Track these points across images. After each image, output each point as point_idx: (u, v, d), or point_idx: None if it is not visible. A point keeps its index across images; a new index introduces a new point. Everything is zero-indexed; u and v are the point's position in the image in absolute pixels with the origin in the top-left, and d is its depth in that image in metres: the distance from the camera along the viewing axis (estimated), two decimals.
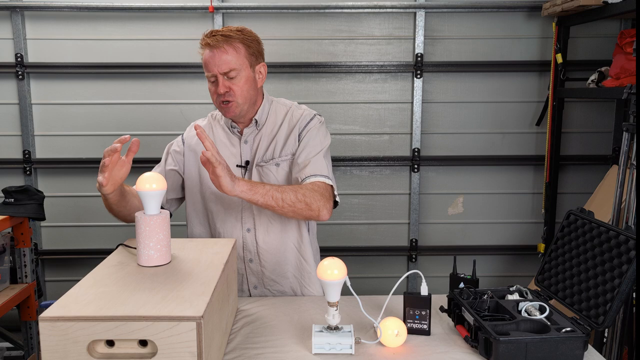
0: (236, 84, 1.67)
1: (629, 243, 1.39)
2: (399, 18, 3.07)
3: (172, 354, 1.05)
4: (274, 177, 1.75)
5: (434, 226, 3.25)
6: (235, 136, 1.80)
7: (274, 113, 1.81)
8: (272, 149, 1.76)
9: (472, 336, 1.37)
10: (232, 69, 1.65)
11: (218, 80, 1.67)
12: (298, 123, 1.77)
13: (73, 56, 3.04)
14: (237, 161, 1.77)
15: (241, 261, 1.79)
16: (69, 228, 3.19)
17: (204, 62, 1.70)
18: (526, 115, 3.16)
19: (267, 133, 1.78)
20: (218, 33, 1.67)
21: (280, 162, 1.75)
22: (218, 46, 1.66)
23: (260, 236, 1.77)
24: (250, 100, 1.72)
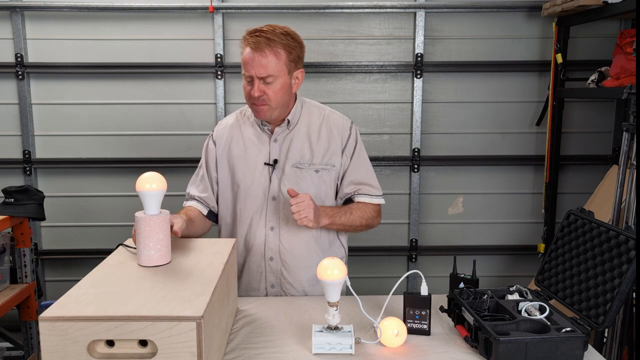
0: (271, 89, 1.67)
1: (629, 243, 1.39)
2: (399, 18, 3.07)
3: (172, 354, 1.05)
4: (310, 182, 1.77)
5: (434, 226, 3.25)
6: (265, 134, 1.81)
7: (307, 114, 1.82)
8: (308, 152, 1.78)
9: (472, 336, 1.37)
10: (269, 74, 1.65)
11: (254, 81, 1.67)
12: (339, 132, 1.80)
13: (73, 56, 3.04)
14: (265, 159, 1.78)
15: (262, 259, 1.79)
16: (69, 228, 3.19)
17: (243, 59, 1.68)
18: (526, 115, 3.16)
19: (301, 134, 1.79)
20: (262, 34, 1.64)
21: (320, 169, 1.78)
22: (259, 49, 1.63)
23: (283, 235, 1.78)
24: (283, 105, 1.74)
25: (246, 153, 1.80)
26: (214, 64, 3.04)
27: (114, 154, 3.12)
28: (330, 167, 1.79)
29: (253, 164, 1.79)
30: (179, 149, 3.13)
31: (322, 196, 1.80)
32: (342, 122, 1.83)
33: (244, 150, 1.80)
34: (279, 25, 1.70)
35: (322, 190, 1.80)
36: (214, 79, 3.06)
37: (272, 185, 1.77)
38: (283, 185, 1.76)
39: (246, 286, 1.84)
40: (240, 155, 1.80)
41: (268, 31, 1.65)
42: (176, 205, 3.21)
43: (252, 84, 1.68)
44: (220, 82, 3.05)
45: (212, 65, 3.04)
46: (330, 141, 1.79)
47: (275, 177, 1.77)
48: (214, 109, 3.09)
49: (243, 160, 1.80)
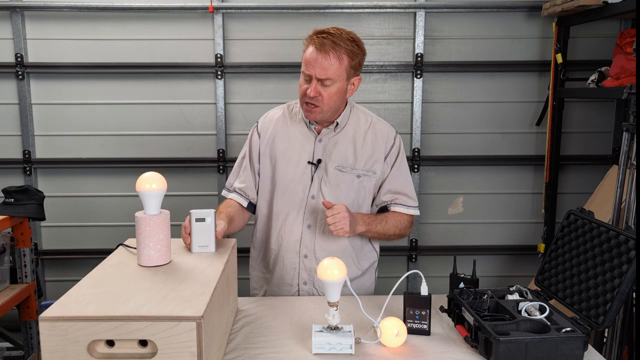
0: (327, 92, 1.68)
1: (629, 243, 1.39)
2: (399, 18, 3.07)
3: (172, 354, 1.05)
4: (351, 186, 1.79)
5: (434, 226, 3.25)
6: (311, 133, 1.81)
7: (355, 119, 1.84)
8: (352, 155, 1.79)
9: (472, 336, 1.37)
10: (329, 77, 1.66)
11: (312, 81, 1.67)
12: (384, 140, 1.82)
13: (73, 56, 3.04)
14: (309, 157, 1.79)
15: (296, 255, 1.80)
16: (69, 228, 3.19)
17: (305, 58, 1.69)
18: (526, 115, 3.16)
19: (347, 137, 1.80)
20: (329, 37, 1.65)
21: (361, 174, 1.80)
22: (324, 50, 1.64)
23: (320, 234, 1.79)
24: (334, 109, 1.75)
25: (290, 149, 1.80)
26: (214, 64, 3.04)
27: (114, 154, 3.12)
28: (372, 174, 1.81)
29: (296, 160, 1.79)
30: (179, 149, 3.13)
31: (360, 201, 1.82)
32: (387, 131, 1.85)
33: (288, 146, 1.81)
34: (345, 30, 1.71)
35: (361, 195, 1.82)
36: (214, 79, 3.06)
37: (313, 184, 1.78)
38: (324, 186, 1.78)
39: (279, 281, 1.84)
40: (283, 150, 1.81)
41: (335, 34, 1.66)
42: (176, 205, 3.21)
43: (309, 83, 1.68)
44: (220, 82, 3.05)
45: (212, 65, 3.04)
46: (374, 148, 1.81)
47: (317, 177, 1.78)
48: (214, 109, 3.09)
49: (286, 156, 1.80)
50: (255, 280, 1.94)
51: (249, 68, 3.06)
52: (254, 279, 1.95)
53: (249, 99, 3.10)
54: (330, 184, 1.78)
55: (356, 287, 1.84)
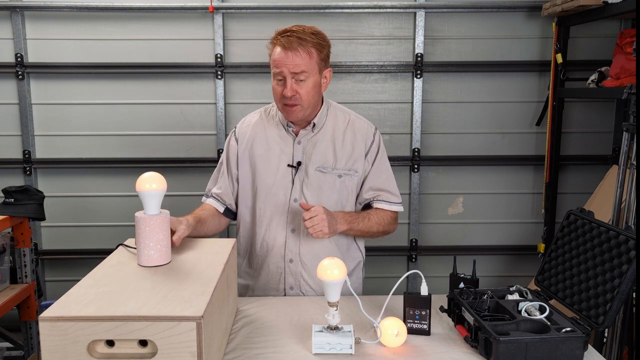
0: (303, 88, 1.68)
1: (629, 243, 1.39)
2: (399, 18, 3.07)
3: (172, 354, 1.05)
4: (333, 186, 1.78)
5: (434, 226, 3.25)
6: (289, 135, 1.80)
7: (333, 118, 1.82)
8: (332, 156, 1.78)
9: (472, 336, 1.37)
10: (303, 71, 1.66)
11: (286, 81, 1.67)
12: (363, 138, 1.81)
13: (73, 56, 3.04)
14: (289, 160, 1.78)
15: (281, 260, 1.79)
16: (69, 228, 3.19)
17: (273, 60, 1.68)
18: (526, 115, 3.16)
19: (326, 138, 1.79)
20: (293, 34, 1.65)
21: (343, 174, 1.79)
22: (292, 47, 1.64)
23: (304, 238, 1.78)
24: (313, 105, 1.74)
25: (269, 153, 1.80)
26: (214, 64, 3.04)
27: (114, 154, 3.12)
28: (353, 173, 1.80)
29: (275, 164, 1.78)
30: (179, 149, 3.13)
31: (343, 201, 1.81)
32: (366, 128, 1.83)
33: (267, 150, 1.80)
34: (307, 26, 1.71)
35: (344, 195, 1.81)
36: (214, 79, 3.06)
37: (294, 187, 1.77)
38: (306, 188, 1.77)
39: (264, 286, 1.83)
40: (262, 154, 1.80)
41: (298, 31, 1.66)
42: (176, 205, 3.20)
43: (284, 84, 1.68)
44: (220, 82, 3.05)
45: (212, 65, 3.04)
46: (354, 146, 1.80)
47: (298, 180, 1.77)
48: (214, 109, 3.09)
49: (265, 160, 1.79)
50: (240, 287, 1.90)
51: (249, 68, 3.06)
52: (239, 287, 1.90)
53: (249, 99, 3.10)
54: (312, 185, 1.77)
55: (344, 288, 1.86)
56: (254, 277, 1.86)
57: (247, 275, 1.89)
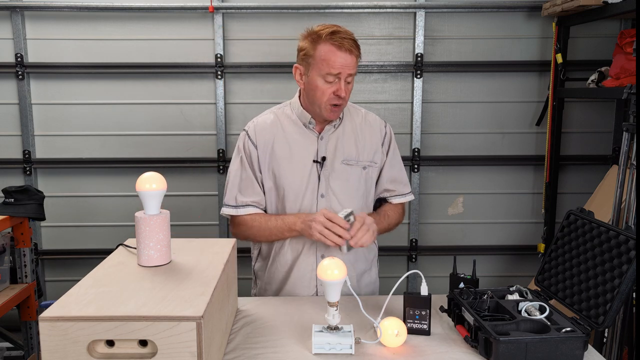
0: (349, 89, 1.73)
1: (629, 243, 1.39)
2: (399, 18, 3.07)
3: (172, 354, 1.05)
4: (359, 178, 1.81)
5: (434, 226, 3.25)
6: (311, 133, 1.81)
7: (349, 114, 1.87)
8: (354, 149, 1.82)
9: (472, 336, 1.37)
10: (355, 72, 1.71)
11: (340, 81, 1.68)
12: (378, 129, 1.87)
13: (73, 56, 3.04)
14: (313, 157, 1.79)
15: (314, 257, 1.79)
16: (69, 228, 3.19)
17: (325, 59, 1.67)
18: (526, 115, 3.16)
19: (347, 132, 1.83)
20: (347, 36, 1.68)
21: (367, 165, 1.83)
22: (349, 49, 1.66)
23: None
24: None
25: (291, 152, 1.79)
26: (214, 64, 3.04)
27: (114, 154, 3.12)
28: (374, 164, 1.85)
29: (299, 163, 1.78)
30: (179, 149, 3.13)
31: (367, 193, 1.86)
32: (379, 121, 1.91)
33: (289, 150, 1.79)
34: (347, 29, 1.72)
35: (368, 186, 1.85)
36: (214, 79, 3.06)
37: (321, 182, 1.78)
38: (333, 182, 1.79)
39: (294, 284, 1.81)
40: (284, 155, 1.79)
41: (347, 32, 1.69)
42: (176, 205, 3.20)
43: (333, 85, 1.69)
44: (220, 82, 3.05)
45: (212, 65, 3.04)
46: (372, 138, 1.85)
47: (323, 175, 1.78)
48: (214, 109, 3.09)
49: (288, 160, 1.79)
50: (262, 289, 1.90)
51: (249, 68, 3.06)
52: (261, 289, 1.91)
53: (249, 99, 3.10)
54: (339, 178, 1.79)
55: (368, 281, 1.90)
56: (283, 280, 1.84)
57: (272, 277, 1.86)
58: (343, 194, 1.78)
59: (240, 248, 1.82)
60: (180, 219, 3.12)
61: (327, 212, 1.63)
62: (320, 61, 1.68)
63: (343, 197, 1.78)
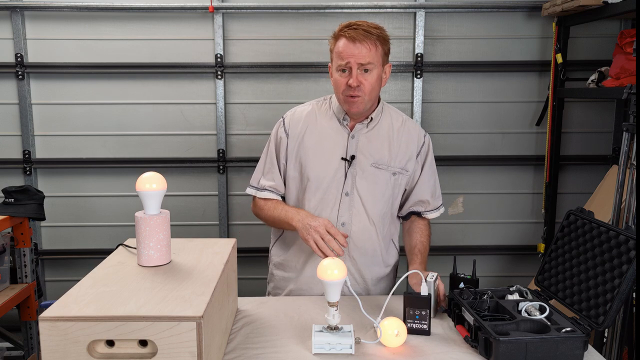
0: (368, 80, 1.68)
1: (629, 243, 1.39)
2: (399, 18, 3.07)
3: (172, 354, 1.05)
4: (386, 183, 1.80)
5: (434, 226, 3.20)
6: (343, 128, 1.80)
7: (389, 117, 1.84)
8: (387, 153, 1.79)
9: (472, 336, 1.37)
10: (369, 62, 1.67)
11: (352, 71, 1.67)
12: (416, 138, 1.84)
13: (73, 56, 3.04)
14: (342, 154, 1.78)
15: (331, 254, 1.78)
16: (69, 228, 3.19)
17: (337, 51, 1.69)
18: (526, 115, 3.16)
19: (381, 134, 1.80)
20: (359, 27, 1.67)
21: (397, 172, 1.81)
22: (359, 39, 1.65)
23: (354, 232, 1.78)
24: (374, 99, 1.76)
25: (321, 145, 1.79)
26: (214, 64, 3.04)
27: (114, 154, 3.12)
28: (405, 172, 1.82)
29: (328, 157, 1.78)
30: (179, 149, 3.13)
31: (394, 198, 1.84)
32: (418, 129, 1.88)
33: (319, 142, 1.79)
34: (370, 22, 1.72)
35: (395, 192, 1.83)
36: (214, 79, 3.06)
37: (347, 181, 1.77)
38: (359, 183, 1.77)
39: (308, 279, 1.81)
40: (313, 146, 1.79)
41: (363, 24, 1.68)
42: (176, 205, 3.20)
43: (347, 76, 1.68)
44: (220, 82, 3.05)
45: (212, 65, 3.04)
46: (408, 146, 1.82)
47: (350, 174, 1.77)
48: (214, 109, 3.09)
49: (317, 152, 1.78)
50: (278, 280, 1.91)
51: (249, 68, 3.06)
52: (277, 279, 1.91)
53: (249, 99, 3.10)
54: (367, 180, 1.77)
55: (385, 285, 1.89)
56: (299, 271, 1.84)
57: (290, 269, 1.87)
58: (368, 196, 1.77)
59: (241, 248, 1.82)
60: (180, 219, 3.12)
61: (330, 225, 1.63)
62: (335, 55, 1.71)
63: (368, 199, 1.77)
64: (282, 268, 1.89)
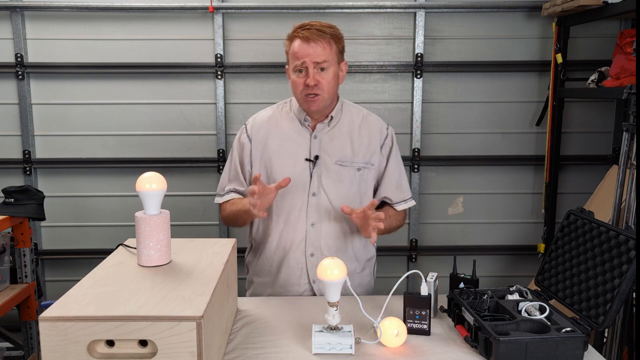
0: (325, 78, 1.72)
1: (629, 243, 1.39)
2: (399, 18, 3.07)
3: (172, 354, 1.05)
4: (352, 179, 1.80)
5: (434, 226, 3.25)
6: (305, 130, 1.82)
7: (349, 113, 1.86)
8: (349, 150, 1.81)
9: (472, 336, 1.37)
10: (325, 60, 1.70)
11: (308, 71, 1.70)
12: (378, 132, 1.86)
13: (73, 56, 3.04)
14: (306, 154, 1.80)
15: (302, 255, 1.80)
16: (69, 228, 3.19)
17: (293, 52, 1.72)
18: (526, 115, 3.16)
19: (343, 132, 1.82)
20: (313, 27, 1.71)
21: (361, 167, 1.82)
22: (313, 38, 1.69)
23: (324, 231, 1.79)
24: (332, 96, 1.78)
25: (284, 148, 1.81)
26: (214, 64, 3.04)
27: (114, 154, 3.12)
28: (370, 166, 1.84)
29: (292, 159, 1.79)
30: (179, 149, 3.13)
31: (362, 194, 1.84)
32: (380, 123, 1.89)
33: (282, 145, 1.81)
34: (322, 22, 1.76)
35: (362, 188, 1.84)
36: (214, 79, 3.06)
37: (312, 181, 1.78)
38: (324, 182, 1.78)
39: (285, 282, 1.83)
40: (277, 150, 1.81)
41: (316, 24, 1.72)
42: (176, 205, 3.20)
43: (304, 75, 1.71)
44: (220, 82, 3.05)
45: (212, 65, 3.04)
46: (370, 140, 1.84)
47: (316, 174, 1.78)
48: (214, 109, 3.09)
49: (281, 155, 1.80)
50: (256, 286, 1.91)
51: (249, 68, 3.06)
52: (255, 285, 1.92)
53: (249, 99, 3.10)
54: (332, 179, 1.78)
55: (358, 282, 1.87)
56: (273, 274, 1.85)
57: (265, 273, 1.88)
58: (335, 195, 1.78)
59: (241, 248, 1.82)
60: (180, 219, 3.12)
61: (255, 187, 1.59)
62: (291, 56, 1.74)
63: (335, 198, 1.78)
64: (258, 274, 1.90)
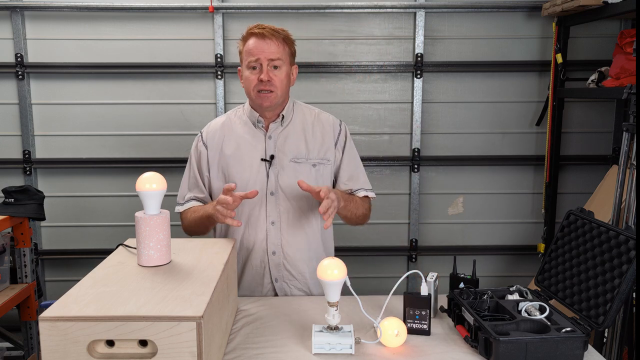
0: (278, 76, 1.75)
1: (629, 243, 1.39)
2: (399, 18, 3.07)
3: (172, 354, 1.05)
4: (308, 175, 1.82)
5: (434, 226, 3.25)
6: (259, 131, 1.84)
7: (300, 113, 1.89)
8: (304, 147, 1.83)
9: (472, 336, 1.37)
10: (279, 57, 1.74)
11: (262, 67, 1.73)
12: (331, 128, 1.88)
13: (73, 56, 3.04)
14: (262, 155, 1.82)
15: (264, 254, 1.82)
16: (69, 228, 3.18)
17: (247, 49, 1.76)
18: (526, 115, 3.16)
19: (296, 130, 1.85)
20: (266, 27, 1.75)
21: (317, 163, 1.84)
22: (268, 36, 1.73)
23: (284, 229, 1.81)
24: (284, 95, 1.81)
25: (240, 151, 1.83)
26: (214, 64, 3.04)
27: (114, 154, 3.12)
28: (326, 162, 1.86)
29: (248, 161, 1.82)
30: (179, 149, 3.13)
31: None
32: (332, 119, 1.92)
33: (237, 149, 1.83)
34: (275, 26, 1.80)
35: (320, 183, 1.83)
36: (214, 79, 3.06)
37: (269, 180, 1.80)
38: (281, 180, 1.80)
39: (249, 283, 1.85)
40: (233, 153, 1.83)
41: (269, 26, 1.77)
42: None
43: (259, 71, 1.74)
44: (220, 82, 3.05)
45: (212, 65, 3.04)
46: (323, 137, 1.86)
47: (272, 173, 1.81)
48: (214, 109, 3.09)
49: (237, 159, 1.83)
50: None
51: None
52: None
53: None
54: (288, 176, 1.80)
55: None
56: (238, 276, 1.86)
57: None
58: (293, 192, 1.80)
59: None
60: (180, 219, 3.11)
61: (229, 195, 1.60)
62: (246, 53, 1.77)
63: (293, 195, 1.80)
64: None
